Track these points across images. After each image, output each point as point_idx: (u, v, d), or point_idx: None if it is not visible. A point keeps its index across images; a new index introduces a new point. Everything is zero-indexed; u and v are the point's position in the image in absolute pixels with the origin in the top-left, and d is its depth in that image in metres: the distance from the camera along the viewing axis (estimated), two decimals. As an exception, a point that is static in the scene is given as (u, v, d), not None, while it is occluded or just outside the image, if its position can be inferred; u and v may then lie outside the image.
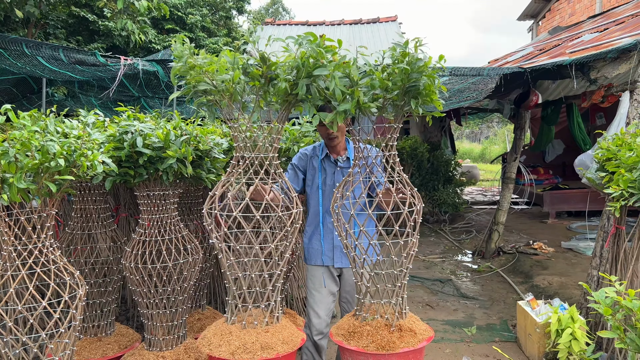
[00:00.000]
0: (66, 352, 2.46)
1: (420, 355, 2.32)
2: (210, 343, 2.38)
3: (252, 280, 2.45)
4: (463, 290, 5.67)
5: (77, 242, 3.29)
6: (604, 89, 4.44)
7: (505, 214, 6.92)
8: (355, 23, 12.21)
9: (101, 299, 3.36)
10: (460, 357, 3.97)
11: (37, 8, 6.85)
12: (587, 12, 10.91)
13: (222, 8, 15.65)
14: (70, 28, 11.19)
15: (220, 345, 2.34)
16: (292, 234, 2.46)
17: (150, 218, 3.01)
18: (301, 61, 2.11)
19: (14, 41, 3.86)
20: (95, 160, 2.36)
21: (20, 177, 2.14)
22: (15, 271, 2.34)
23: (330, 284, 3.06)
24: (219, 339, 2.39)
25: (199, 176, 3.05)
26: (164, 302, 3.06)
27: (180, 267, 3.07)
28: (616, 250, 3.69)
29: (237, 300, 2.44)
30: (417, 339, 2.28)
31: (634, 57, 4.04)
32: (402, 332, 2.31)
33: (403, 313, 2.42)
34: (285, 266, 3.60)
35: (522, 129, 6.65)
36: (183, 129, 2.91)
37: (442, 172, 9.84)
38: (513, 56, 9.36)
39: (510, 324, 4.59)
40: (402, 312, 2.42)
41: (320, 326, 3.00)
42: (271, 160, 2.42)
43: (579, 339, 3.35)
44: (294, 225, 2.45)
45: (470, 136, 31.11)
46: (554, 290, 5.13)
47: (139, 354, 3.09)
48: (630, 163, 3.12)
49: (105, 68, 4.59)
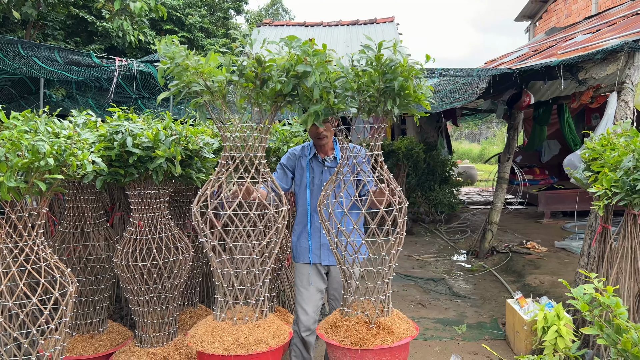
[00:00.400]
0: (57, 348, 2.51)
1: (398, 353, 2.35)
2: (202, 340, 2.42)
3: (242, 277, 2.51)
4: (455, 289, 5.72)
5: (70, 241, 3.35)
6: (593, 90, 4.49)
7: (499, 213, 6.97)
8: (353, 24, 12.26)
9: (94, 297, 3.41)
10: (450, 354, 4.02)
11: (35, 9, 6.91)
12: (583, 13, 10.96)
13: (220, 8, 15.71)
14: (69, 29, 11.25)
15: (213, 342, 2.38)
16: (280, 231, 2.51)
17: (141, 217, 3.06)
18: (291, 62, 2.17)
19: (10, 42, 3.92)
20: (85, 160, 2.41)
21: (10, 176, 2.19)
22: (7, 268, 2.39)
23: (318, 281, 3.11)
24: (210, 336, 2.43)
25: (189, 175, 3.10)
26: (154, 299, 3.11)
27: (170, 265, 3.12)
28: (603, 248, 3.75)
29: (228, 296, 2.49)
30: (394, 337, 2.33)
31: (621, 58, 4.09)
32: (380, 330, 2.35)
33: (385, 311, 2.47)
34: (274, 263, 3.67)
35: (515, 129, 6.70)
36: (173, 129, 2.97)
37: (439, 173, 9.89)
38: (509, 57, 9.42)
39: (501, 322, 4.64)
40: (384, 310, 2.47)
41: (308, 322, 3.06)
42: (260, 160, 2.48)
43: (564, 336, 3.39)
44: (282, 222, 2.50)
45: (469, 137, 31.16)
46: (545, 289, 5.18)
47: (130, 350, 3.14)
48: (613, 163, 3.17)
49: (100, 69, 4.65)
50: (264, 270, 2.51)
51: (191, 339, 2.49)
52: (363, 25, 12.12)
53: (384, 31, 11.36)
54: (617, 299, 2.38)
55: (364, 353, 2.27)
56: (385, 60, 1.94)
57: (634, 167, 3.03)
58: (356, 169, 2.48)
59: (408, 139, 9.12)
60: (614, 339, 2.29)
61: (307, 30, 12.06)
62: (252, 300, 2.51)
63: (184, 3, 13.95)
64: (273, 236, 2.50)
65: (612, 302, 2.35)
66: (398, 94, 2.01)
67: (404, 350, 2.43)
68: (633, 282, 3.42)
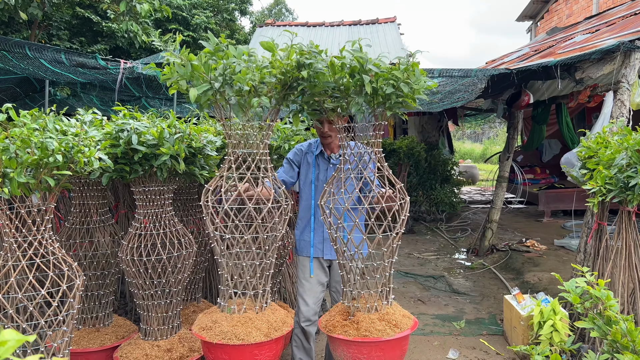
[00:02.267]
0: (64, 340, 2.59)
1: (397, 346, 2.42)
2: (207, 329, 2.49)
3: (245, 269, 2.58)
4: (455, 286, 5.79)
5: (76, 236, 3.43)
6: (590, 89, 4.55)
7: (499, 212, 7.04)
8: (355, 24, 12.33)
9: (99, 291, 3.49)
10: (448, 349, 4.09)
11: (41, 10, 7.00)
12: (584, 13, 11.01)
13: (225, 10, 15.79)
14: (74, 29, 11.35)
15: (216, 331, 2.45)
16: (281, 225, 2.59)
17: (146, 213, 3.14)
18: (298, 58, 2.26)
19: (17, 44, 4.01)
20: (92, 157, 2.49)
21: (20, 172, 2.28)
22: (16, 262, 2.47)
23: (320, 274, 3.20)
24: (215, 326, 2.50)
25: (192, 172, 3.18)
26: (159, 293, 3.19)
27: (174, 260, 3.20)
28: (598, 245, 3.81)
29: (231, 287, 2.57)
30: (393, 330, 2.39)
31: (617, 58, 4.15)
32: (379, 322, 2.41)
33: (384, 304, 2.53)
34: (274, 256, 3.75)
35: (515, 128, 6.76)
36: (177, 127, 3.05)
37: (440, 172, 9.96)
38: (509, 57, 9.47)
39: (499, 318, 4.71)
40: (384, 304, 2.54)
41: (308, 314, 3.14)
42: (262, 156, 2.56)
43: (559, 330, 3.46)
44: (283, 216, 2.58)
45: (471, 136, 31.18)
46: (543, 286, 5.24)
47: (134, 343, 3.23)
48: (607, 160, 3.23)
49: (105, 71, 4.74)
50: (265, 262, 2.59)
51: (195, 328, 2.56)
52: (365, 25, 12.19)
53: (385, 31, 11.43)
54: (608, 291, 2.45)
55: (362, 345, 2.34)
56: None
57: (627, 164, 3.09)
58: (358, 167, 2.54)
59: (409, 139, 9.19)
60: (604, 331, 2.36)
61: (309, 30, 12.14)
62: (255, 291, 2.59)
63: (190, 3, 14.03)
64: (273, 229, 2.57)
65: (603, 294, 2.42)
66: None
67: (403, 342, 2.49)
68: (628, 278, 3.49)
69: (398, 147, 8.74)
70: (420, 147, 9.09)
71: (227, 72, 2.24)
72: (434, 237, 8.49)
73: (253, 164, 2.52)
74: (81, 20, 11.13)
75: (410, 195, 9.67)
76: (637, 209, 3.41)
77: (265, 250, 2.59)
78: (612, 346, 2.35)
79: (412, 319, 2.58)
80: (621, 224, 3.48)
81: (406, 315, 2.61)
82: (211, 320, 2.54)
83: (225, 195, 2.48)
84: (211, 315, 2.60)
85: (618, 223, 3.52)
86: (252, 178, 2.52)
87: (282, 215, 2.60)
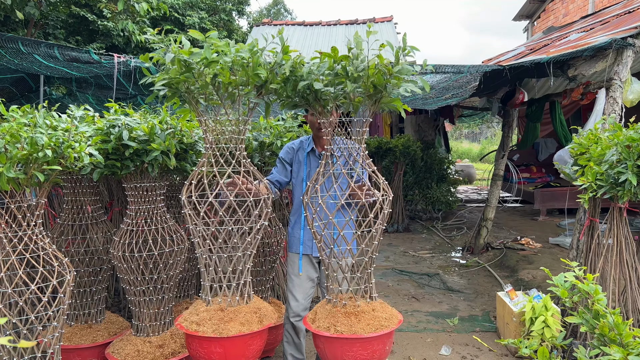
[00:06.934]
0: (55, 335, 2.59)
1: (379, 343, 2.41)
2: (191, 323, 2.50)
3: (225, 262, 2.58)
4: (449, 284, 5.80)
5: (69, 233, 3.43)
6: (583, 87, 4.56)
7: (494, 210, 7.05)
8: (351, 23, 12.34)
9: (91, 288, 3.49)
10: (441, 346, 4.10)
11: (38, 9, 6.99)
12: (580, 12, 11.03)
13: (222, 10, 15.77)
14: (70, 28, 11.34)
15: (200, 325, 2.46)
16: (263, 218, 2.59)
17: (137, 209, 3.14)
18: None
19: (10, 39, 4.01)
20: (82, 152, 2.50)
21: (9, 167, 2.28)
22: (6, 257, 2.48)
23: (310, 270, 3.20)
24: (198, 319, 2.50)
25: (184, 169, 3.19)
26: (151, 289, 3.20)
27: (166, 256, 3.20)
28: (590, 241, 3.82)
29: (214, 281, 2.57)
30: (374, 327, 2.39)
31: (609, 55, 4.16)
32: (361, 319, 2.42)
33: (368, 302, 2.54)
34: (268, 255, 3.74)
35: (509, 126, 6.78)
36: (168, 123, 3.05)
37: (436, 171, 9.98)
38: (505, 55, 9.49)
39: (492, 316, 4.71)
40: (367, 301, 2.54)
41: (298, 309, 3.15)
42: (241, 150, 2.56)
43: (551, 326, 3.47)
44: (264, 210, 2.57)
45: (469, 136, 31.21)
46: (537, 283, 5.24)
47: (127, 339, 3.23)
48: (597, 156, 3.25)
49: (99, 65, 4.73)
50: (245, 255, 2.58)
51: (181, 321, 2.56)
52: (362, 24, 12.20)
53: (382, 30, 11.44)
54: (596, 285, 2.46)
55: (341, 341, 2.34)
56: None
57: (618, 160, 3.10)
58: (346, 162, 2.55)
59: (405, 137, 9.20)
60: (592, 324, 2.37)
61: (306, 29, 12.14)
62: (236, 284, 2.58)
63: (184, 3, 14.01)
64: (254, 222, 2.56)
65: (591, 288, 2.43)
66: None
67: (386, 339, 2.47)
68: (619, 274, 3.50)
69: (394, 145, 8.75)
70: (417, 146, 9.10)
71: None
72: (430, 236, 8.50)
73: (233, 159, 2.52)
74: (77, 19, 11.12)
75: (407, 194, 9.68)
76: (628, 206, 3.42)
77: (248, 243, 2.58)
78: (600, 340, 2.35)
79: (397, 315, 2.58)
80: (612, 220, 3.49)
81: (390, 312, 2.60)
82: (195, 314, 2.54)
83: (217, 190, 2.48)
84: (196, 308, 2.60)
85: (609, 220, 3.53)
86: (233, 172, 2.52)
87: (263, 209, 2.58)
